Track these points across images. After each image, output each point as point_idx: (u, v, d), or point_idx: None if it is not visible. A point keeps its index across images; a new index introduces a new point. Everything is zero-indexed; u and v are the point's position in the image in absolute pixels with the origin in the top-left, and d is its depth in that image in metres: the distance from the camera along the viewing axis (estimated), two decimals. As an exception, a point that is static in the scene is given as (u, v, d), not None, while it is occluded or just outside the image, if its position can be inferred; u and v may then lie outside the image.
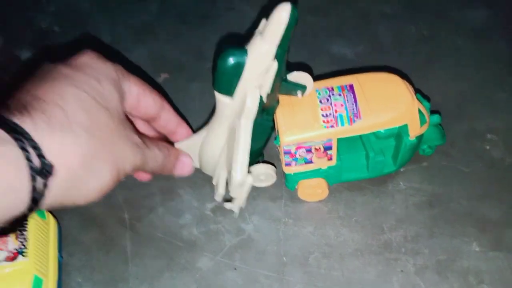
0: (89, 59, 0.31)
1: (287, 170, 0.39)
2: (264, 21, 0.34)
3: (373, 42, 0.53)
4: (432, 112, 0.41)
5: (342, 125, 0.36)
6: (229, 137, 0.37)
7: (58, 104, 0.27)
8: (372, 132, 0.38)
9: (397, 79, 0.39)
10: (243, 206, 0.39)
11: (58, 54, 0.32)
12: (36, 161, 0.25)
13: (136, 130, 0.33)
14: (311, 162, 0.39)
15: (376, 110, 0.37)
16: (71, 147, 0.27)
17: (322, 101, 0.38)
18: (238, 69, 0.33)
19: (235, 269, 0.38)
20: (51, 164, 0.25)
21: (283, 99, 0.38)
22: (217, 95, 0.35)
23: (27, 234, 0.35)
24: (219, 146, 0.38)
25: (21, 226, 0.25)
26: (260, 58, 0.33)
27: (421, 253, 0.38)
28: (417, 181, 0.42)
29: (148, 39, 0.56)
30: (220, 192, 0.40)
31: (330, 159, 0.39)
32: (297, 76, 0.38)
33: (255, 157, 0.40)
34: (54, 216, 0.40)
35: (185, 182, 0.42)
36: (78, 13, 0.60)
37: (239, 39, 0.37)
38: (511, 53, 0.51)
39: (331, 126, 0.37)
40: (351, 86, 0.38)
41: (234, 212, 0.39)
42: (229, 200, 0.39)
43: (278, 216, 0.40)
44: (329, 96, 0.38)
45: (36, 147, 0.25)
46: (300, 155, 0.38)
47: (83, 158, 0.27)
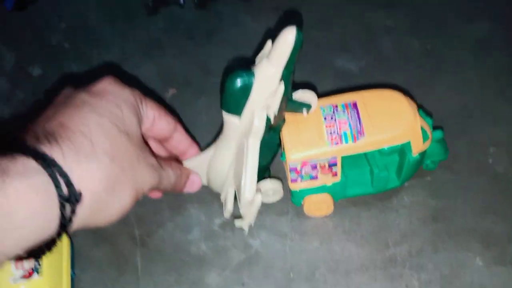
0: (108, 85, 0.32)
1: (293, 187, 0.40)
2: (270, 43, 0.35)
3: (377, 56, 0.54)
4: (435, 128, 0.42)
5: (346, 143, 0.37)
6: (237, 155, 0.38)
7: (83, 132, 0.28)
8: (376, 149, 0.38)
9: (400, 97, 0.40)
10: (253, 224, 0.40)
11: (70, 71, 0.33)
12: (65, 189, 0.26)
13: (152, 152, 0.35)
14: (317, 179, 0.40)
15: (379, 128, 0.38)
16: (96, 173, 0.28)
17: (327, 119, 0.39)
18: (246, 91, 0.34)
19: (243, 285, 0.39)
20: (79, 192, 0.27)
21: (289, 116, 0.39)
22: (225, 115, 0.36)
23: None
24: (227, 164, 0.39)
25: (49, 250, 0.26)
26: (267, 81, 0.34)
27: (425, 268, 0.38)
28: (421, 196, 0.42)
29: (156, 55, 0.57)
30: (229, 209, 0.40)
31: (335, 176, 0.40)
32: (302, 95, 0.39)
33: (262, 173, 0.42)
34: (67, 233, 0.41)
35: (194, 198, 0.43)
36: (88, 30, 0.61)
37: (246, 61, 0.38)
38: (514, 66, 0.51)
39: (336, 144, 0.37)
40: (355, 104, 0.39)
41: (244, 230, 0.40)
42: (238, 217, 0.40)
43: (285, 232, 0.41)
44: (334, 114, 0.39)
45: (65, 175, 0.26)
46: (306, 172, 0.39)
47: (107, 183, 0.28)
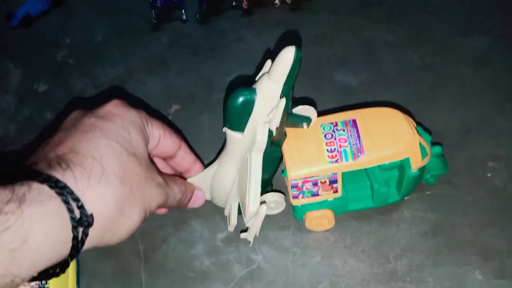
0: (115, 108, 0.33)
1: (295, 202, 0.41)
2: (270, 62, 0.36)
3: (376, 71, 0.55)
4: (434, 144, 0.43)
5: (347, 160, 0.38)
6: (240, 169, 0.39)
7: (94, 156, 0.29)
8: (376, 165, 0.39)
9: (399, 114, 0.40)
10: (257, 235, 0.40)
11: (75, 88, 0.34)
12: (77, 213, 0.27)
13: (158, 170, 0.35)
14: (318, 195, 0.40)
15: (379, 145, 0.38)
16: (107, 196, 0.29)
17: (327, 136, 0.40)
18: (248, 107, 0.35)
19: (246, 300, 0.39)
20: (91, 215, 0.28)
21: (290, 133, 0.40)
22: (228, 132, 0.37)
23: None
24: (231, 179, 0.40)
25: (63, 272, 0.27)
26: (268, 97, 0.35)
27: (426, 282, 0.39)
28: (421, 210, 0.43)
29: (160, 71, 0.58)
30: (233, 223, 0.41)
31: (336, 192, 0.40)
32: (302, 110, 0.40)
33: (265, 186, 0.42)
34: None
35: (197, 213, 0.44)
36: (92, 46, 0.63)
37: (248, 79, 0.40)
38: (512, 81, 0.52)
39: (336, 161, 0.38)
40: (354, 121, 0.40)
41: (249, 241, 0.41)
42: (243, 230, 0.40)
43: (287, 246, 0.42)
44: (333, 131, 0.40)
45: (77, 199, 0.27)
46: (307, 188, 0.40)
47: (117, 205, 0.29)
